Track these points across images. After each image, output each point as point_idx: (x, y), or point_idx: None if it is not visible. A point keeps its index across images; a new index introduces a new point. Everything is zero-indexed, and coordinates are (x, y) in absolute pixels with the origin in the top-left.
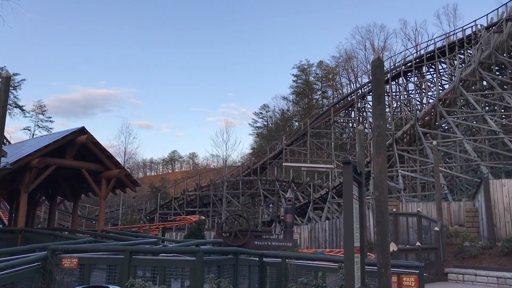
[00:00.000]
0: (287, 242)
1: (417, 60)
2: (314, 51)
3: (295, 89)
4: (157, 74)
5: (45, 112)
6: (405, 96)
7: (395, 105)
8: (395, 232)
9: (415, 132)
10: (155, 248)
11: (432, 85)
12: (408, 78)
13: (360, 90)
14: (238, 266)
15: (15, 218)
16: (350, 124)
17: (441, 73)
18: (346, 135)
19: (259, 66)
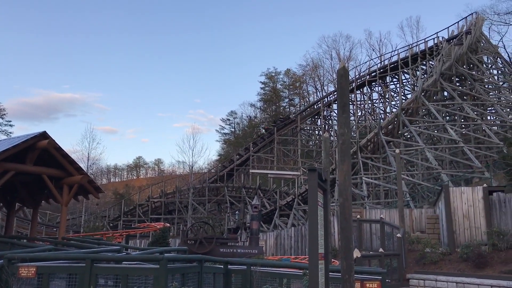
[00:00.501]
0: (253, 249)
1: (381, 70)
2: (282, 59)
3: (263, 96)
4: (124, 79)
5: (5, 116)
6: (370, 105)
7: (360, 114)
8: (359, 239)
9: (379, 140)
10: (118, 256)
11: (396, 95)
12: (373, 88)
13: (326, 99)
14: (203, 274)
15: None
16: (316, 132)
17: (404, 83)
18: (313, 143)
19: (228, 73)
